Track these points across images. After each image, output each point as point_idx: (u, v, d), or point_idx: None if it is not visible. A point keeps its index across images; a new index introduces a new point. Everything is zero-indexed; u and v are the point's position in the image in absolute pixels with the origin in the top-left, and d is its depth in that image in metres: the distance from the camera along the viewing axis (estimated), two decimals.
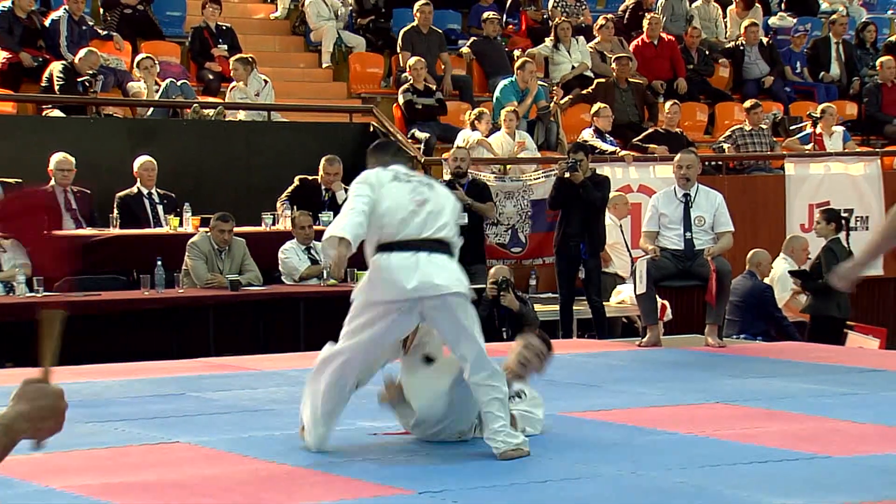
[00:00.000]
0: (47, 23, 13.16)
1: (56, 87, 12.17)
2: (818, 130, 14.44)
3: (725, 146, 14.23)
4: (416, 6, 14.70)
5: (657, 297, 9.70)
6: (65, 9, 13.20)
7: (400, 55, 14.53)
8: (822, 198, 13.60)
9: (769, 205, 13.43)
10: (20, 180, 10.68)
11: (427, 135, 13.25)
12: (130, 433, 6.04)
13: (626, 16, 16.62)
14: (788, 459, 5.53)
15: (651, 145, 13.50)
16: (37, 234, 2.09)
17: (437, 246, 5.46)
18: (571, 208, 10.42)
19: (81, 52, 12.30)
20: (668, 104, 14.10)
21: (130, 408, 6.74)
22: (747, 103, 14.64)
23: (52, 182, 10.70)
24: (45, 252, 2.12)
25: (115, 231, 10.32)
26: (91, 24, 13.48)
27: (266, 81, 13.18)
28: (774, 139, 14.68)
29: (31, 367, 7.77)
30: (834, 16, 17.65)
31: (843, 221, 10.93)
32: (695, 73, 16.04)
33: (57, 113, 12.20)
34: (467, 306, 5.50)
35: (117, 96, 12.89)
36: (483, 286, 10.38)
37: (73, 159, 10.72)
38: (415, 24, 14.67)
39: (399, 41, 14.60)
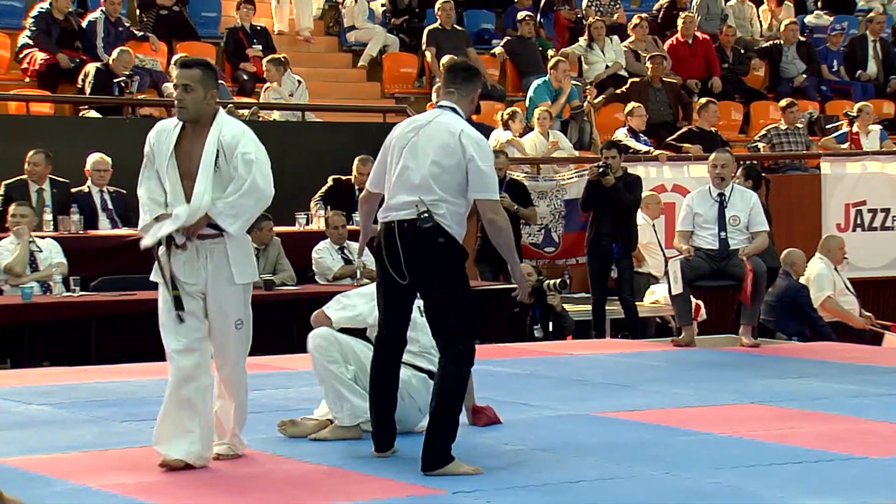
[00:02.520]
0: (84, 24, 13.26)
1: (87, 89, 12.25)
2: (854, 129, 14.35)
3: (760, 145, 14.16)
4: (438, 4, 14.73)
5: (691, 297, 9.67)
6: (101, 10, 13.29)
7: (426, 52, 14.55)
8: (858, 197, 13.51)
9: (805, 204, 13.35)
10: (67, 181, 10.76)
11: None
12: None
13: (661, 15, 16.57)
14: (824, 460, 5.50)
15: (685, 145, 13.45)
16: None
17: None
18: (603, 209, 10.41)
19: (115, 53, 12.37)
20: (704, 102, 13.97)
21: None
22: (783, 102, 14.56)
23: (89, 182, 10.79)
24: None
25: None
26: (127, 25, 13.58)
27: (300, 82, 13.23)
28: (810, 138, 14.59)
29: (68, 366, 7.85)
30: (871, 14, 17.54)
31: (763, 179, 10.81)
32: (729, 72, 15.97)
33: (93, 114, 12.29)
34: None
35: (153, 97, 12.97)
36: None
37: (109, 160, 10.79)
38: (438, 23, 14.69)
39: (423, 39, 14.63)
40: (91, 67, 12.36)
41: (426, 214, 5.25)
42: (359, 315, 6.00)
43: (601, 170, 10.33)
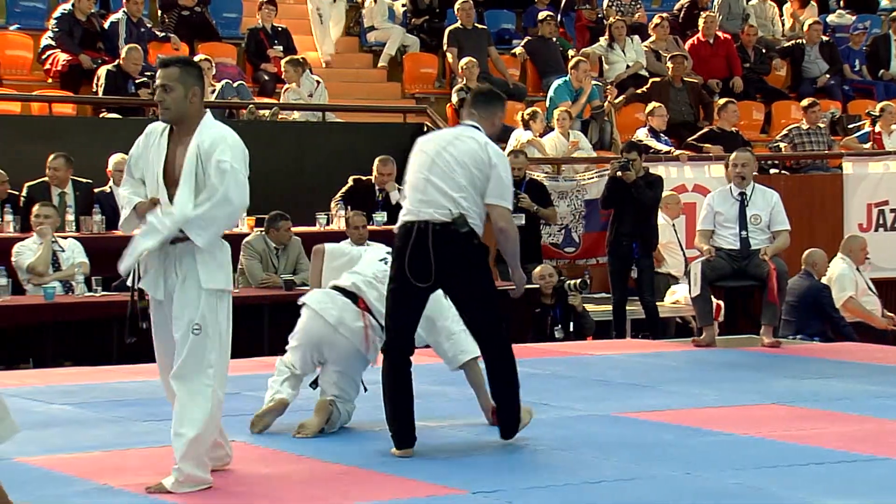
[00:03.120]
0: (106, 25, 13.32)
1: (99, 91, 12.27)
2: (877, 129, 14.28)
3: (782, 145, 14.11)
4: (457, 5, 14.75)
5: (712, 297, 9.65)
6: (123, 11, 13.34)
7: (447, 52, 14.57)
8: (880, 197, 13.45)
9: (826, 204, 13.29)
10: (89, 181, 10.80)
11: None
12: None
13: (682, 14, 16.53)
14: (846, 461, 5.49)
15: (706, 145, 13.42)
16: None
17: None
18: (624, 208, 10.40)
19: (123, 52, 12.39)
20: (723, 102, 13.93)
21: None
22: (805, 102, 14.51)
23: (111, 182, 10.83)
24: None
25: None
26: (149, 25, 13.63)
27: (318, 82, 13.25)
28: (832, 138, 14.53)
29: (90, 366, 7.84)
30: (894, 13, 17.45)
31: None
32: (751, 72, 15.92)
33: (113, 115, 12.32)
34: None
35: None
36: (537, 286, 10.37)
37: None
38: (459, 23, 14.70)
39: (445, 40, 14.64)
40: (102, 70, 12.37)
41: (462, 218, 5.56)
42: (345, 248, 6.75)
43: (622, 164, 10.32)
